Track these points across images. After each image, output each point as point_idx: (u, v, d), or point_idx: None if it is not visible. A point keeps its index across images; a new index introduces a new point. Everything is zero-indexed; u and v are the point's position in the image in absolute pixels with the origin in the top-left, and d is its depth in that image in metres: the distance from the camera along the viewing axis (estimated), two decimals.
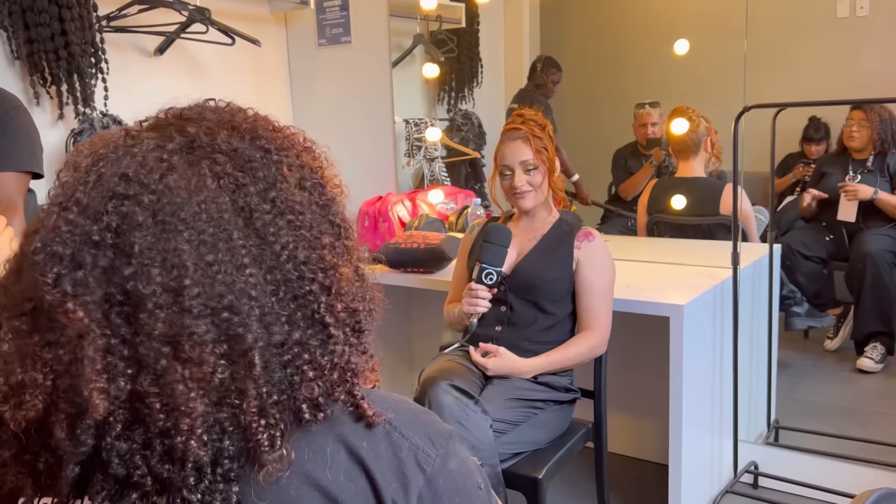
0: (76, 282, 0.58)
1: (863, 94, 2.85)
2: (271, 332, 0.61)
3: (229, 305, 0.59)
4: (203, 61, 3.06)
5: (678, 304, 1.99)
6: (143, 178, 0.61)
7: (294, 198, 0.66)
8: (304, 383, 0.62)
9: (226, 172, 0.64)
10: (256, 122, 0.70)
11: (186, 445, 0.57)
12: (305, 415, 0.62)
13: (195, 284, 0.58)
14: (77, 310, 0.58)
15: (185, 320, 0.58)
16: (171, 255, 0.59)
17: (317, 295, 0.64)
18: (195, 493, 0.58)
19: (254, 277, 0.61)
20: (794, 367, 3.12)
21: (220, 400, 0.59)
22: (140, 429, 0.58)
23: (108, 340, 0.58)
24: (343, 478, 0.63)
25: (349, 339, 0.67)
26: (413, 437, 0.67)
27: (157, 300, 0.58)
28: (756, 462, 2.46)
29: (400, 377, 3.13)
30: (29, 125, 1.99)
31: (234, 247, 0.61)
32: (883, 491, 0.96)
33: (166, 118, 0.69)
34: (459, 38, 3.33)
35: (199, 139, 0.66)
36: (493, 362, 1.88)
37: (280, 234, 0.63)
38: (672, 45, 2.94)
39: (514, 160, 1.93)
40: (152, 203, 0.60)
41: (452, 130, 3.38)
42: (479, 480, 0.72)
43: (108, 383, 0.57)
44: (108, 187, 0.61)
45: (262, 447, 0.59)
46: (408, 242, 2.47)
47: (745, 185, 2.49)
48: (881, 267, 2.90)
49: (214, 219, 0.61)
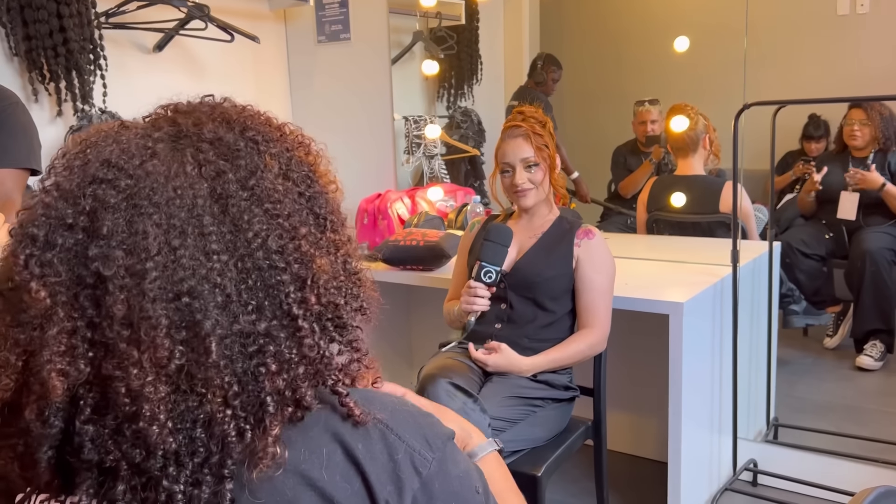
0: (43, 263, 0.59)
1: (863, 92, 2.85)
2: (235, 320, 0.60)
3: (189, 291, 0.59)
4: (202, 58, 3.05)
5: (678, 301, 1.99)
6: (124, 164, 0.62)
7: (274, 186, 0.66)
8: (267, 375, 0.61)
9: (208, 160, 0.64)
10: (250, 116, 0.70)
11: (149, 430, 0.57)
12: (270, 408, 0.61)
13: (156, 268, 0.58)
14: (41, 290, 0.58)
15: (143, 303, 0.58)
16: (137, 238, 0.59)
17: (287, 285, 0.63)
18: (176, 483, 0.58)
19: (221, 264, 0.60)
20: (793, 364, 3.12)
21: (187, 388, 0.59)
22: (110, 413, 0.58)
23: (75, 323, 0.58)
24: (339, 478, 0.62)
25: (329, 332, 0.66)
26: (409, 440, 0.66)
27: (119, 282, 0.58)
28: (755, 460, 2.46)
29: (399, 375, 3.13)
30: (27, 122, 1.99)
31: (204, 233, 0.61)
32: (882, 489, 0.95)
33: (164, 112, 0.70)
34: (459, 35, 3.33)
35: (187, 129, 0.66)
36: (493, 358, 1.88)
37: (253, 222, 0.63)
38: (672, 43, 2.93)
39: (515, 157, 1.93)
40: (129, 187, 0.61)
41: (452, 128, 3.37)
42: (478, 485, 0.72)
43: (68, 365, 0.58)
44: (90, 172, 0.62)
45: (230, 438, 0.59)
46: (407, 240, 2.47)
47: (744, 182, 2.48)
48: (881, 265, 2.90)
49: (188, 204, 0.61)
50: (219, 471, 0.59)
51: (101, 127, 0.68)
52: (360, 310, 0.71)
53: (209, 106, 0.70)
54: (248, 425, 0.60)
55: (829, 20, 2.95)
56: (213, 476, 0.59)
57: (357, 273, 0.72)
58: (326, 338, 0.66)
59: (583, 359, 1.95)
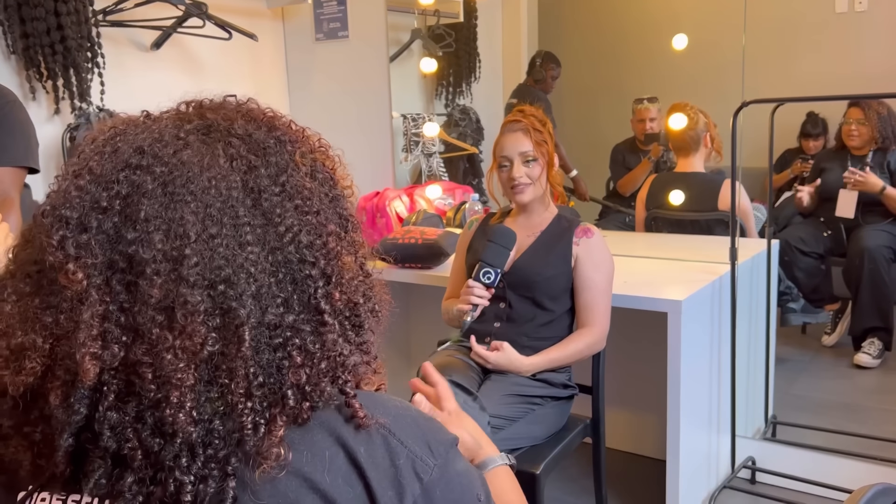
0: (79, 244, 0.59)
1: (861, 90, 2.85)
2: (265, 311, 0.61)
3: (226, 279, 0.59)
4: (200, 56, 3.05)
5: (676, 299, 1.99)
6: (158, 151, 0.62)
7: (304, 184, 0.67)
8: (291, 368, 0.61)
9: (239, 154, 0.65)
10: (274, 117, 0.72)
11: (175, 418, 0.57)
12: (290, 401, 0.61)
13: (195, 254, 0.59)
14: (77, 271, 0.58)
15: (181, 289, 0.58)
16: (175, 224, 0.59)
17: (315, 279, 0.64)
18: (188, 474, 0.58)
19: (255, 255, 0.61)
20: (791, 362, 3.12)
21: (211, 378, 0.59)
22: (133, 401, 0.58)
23: (107, 307, 0.58)
24: (342, 482, 0.62)
25: (346, 331, 0.67)
26: (412, 445, 0.66)
27: (156, 266, 0.58)
28: (753, 457, 2.46)
29: (398, 372, 3.13)
30: (24, 120, 1.99)
31: (238, 223, 0.62)
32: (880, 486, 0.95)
33: (187, 109, 0.70)
34: (457, 33, 3.32)
35: (217, 123, 0.67)
36: (495, 356, 1.88)
37: (286, 216, 0.64)
38: (670, 40, 2.93)
39: (514, 151, 1.93)
40: (163, 174, 0.61)
41: (450, 125, 3.37)
42: (480, 492, 0.71)
43: (101, 349, 0.58)
44: (123, 158, 0.62)
45: (246, 430, 0.59)
46: (405, 238, 2.47)
47: (743, 180, 2.48)
48: (879, 262, 2.90)
49: (223, 195, 0.62)
50: (223, 467, 0.59)
51: (126, 118, 0.69)
52: (374, 311, 0.72)
53: (235, 104, 0.71)
54: (262, 420, 0.60)
55: (828, 18, 2.95)
56: (219, 471, 0.59)
57: (370, 275, 0.73)
58: (344, 337, 0.67)
59: (582, 357, 1.95)
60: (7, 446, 0.62)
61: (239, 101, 0.72)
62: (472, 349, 1.90)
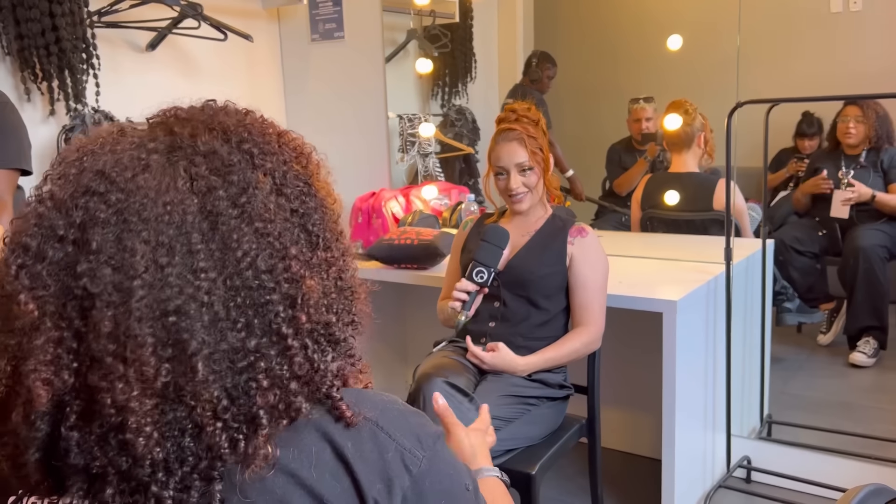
0: (33, 275, 0.60)
1: (856, 90, 2.86)
2: (223, 338, 0.60)
3: (176, 310, 0.59)
4: (195, 57, 3.05)
5: (671, 299, 1.99)
6: (116, 176, 0.62)
7: (266, 205, 0.65)
8: (259, 391, 0.61)
9: (200, 174, 0.64)
10: (249, 124, 0.70)
11: (135, 443, 0.57)
12: (263, 420, 0.61)
13: (143, 286, 0.59)
14: (29, 302, 0.59)
15: (130, 322, 0.58)
16: (126, 255, 0.59)
17: (276, 304, 0.63)
18: (165, 489, 0.58)
19: (209, 282, 0.60)
20: (786, 361, 3.13)
21: (176, 398, 0.59)
22: (96, 421, 0.58)
23: (62, 333, 0.59)
24: (328, 477, 0.63)
25: (322, 348, 0.66)
26: (400, 438, 0.67)
27: (106, 299, 0.58)
28: (749, 456, 2.47)
29: (394, 373, 3.13)
30: (17, 121, 1.98)
31: (192, 250, 0.61)
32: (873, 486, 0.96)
33: (164, 117, 0.70)
34: (453, 33, 3.32)
35: (182, 140, 0.66)
36: (491, 357, 1.88)
37: (243, 241, 0.63)
38: (666, 41, 2.93)
39: (510, 162, 1.93)
40: (119, 201, 0.61)
41: (446, 126, 3.37)
42: (468, 482, 0.72)
43: (53, 375, 0.58)
44: (83, 183, 0.62)
45: (223, 449, 0.59)
46: (401, 238, 2.47)
47: (738, 180, 2.49)
48: (874, 262, 2.91)
49: (177, 221, 0.61)
50: (208, 473, 0.60)
51: (101, 132, 0.68)
52: (352, 324, 0.71)
53: (208, 114, 0.69)
54: (240, 435, 0.60)
55: (823, 18, 2.95)
56: (202, 480, 0.59)
57: (350, 288, 0.72)
58: (320, 352, 0.66)
59: (578, 357, 1.96)
60: None
61: (216, 107, 0.71)
62: (468, 350, 1.90)
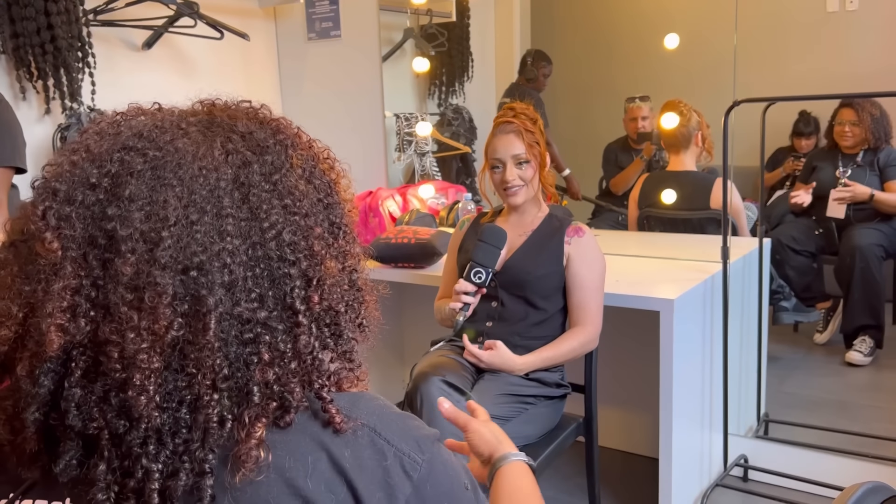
0: (61, 216, 0.60)
1: (852, 89, 2.86)
2: (237, 304, 0.61)
3: (199, 265, 0.60)
4: (191, 56, 3.04)
5: (668, 298, 1.99)
6: (155, 137, 0.64)
7: (297, 185, 0.67)
8: (259, 365, 0.61)
9: (236, 149, 0.65)
10: (283, 123, 0.73)
11: (137, 401, 0.57)
12: (255, 397, 0.61)
13: (171, 237, 0.59)
14: (54, 241, 0.59)
15: (153, 269, 0.59)
16: (157, 206, 0.60)
17: (293, 279, 0.64)
18: (155, 462, 0.58)
19: (233, 246, 0.61)
20: (783, 360, 3.13)
21: (179, 366, 0.59)
22: (99, 381, 0.59)
23: (81, 281, 0.59)
24: (324, 488, 0.62)
25: (324, 337, 0.67)
26: (399, 443, 0.66)
27: (131, 245, 0.59)
28: (746, 455, 2.47)
29: (391, 372, 3.13)
30: (11, 119, 1.98)
31: (222, 214, 0.62)
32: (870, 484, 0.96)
33: (200, 106, 0.72)
34: (450, 32, 3.32)
35: (221, 119, 0.68)
36: (488, 356, 1.87)
37: (271, 213, 0.64)
38: (662, 39, 2.94)
39: (506, 154, 1.92)
40: (155, 158, 0.62)
41: (443, 125, 3.37)
42: (466, 481, 0.72)
43: (68, 322, 0.58)
44: (121, 140, 0.64)
45: (212, 423, 0.59)
46: (398, 237, 2.47)
47: (735, 179, 2.49)
48: (870, 260, 2.91)
49: (210, 184, 0.62)
50: (200, 465, 0.59)
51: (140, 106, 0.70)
52: (360, 326, 0.72)
53: (245, 107, 0.72)
54: (230, 414, 0.60)
55: (819, 17, 2.96)
56: (191, 465, 0.59)
57: (361, 290, 0.73)
58: (321, 342, 0.66)
59: (575, 356, 1.96)
60: None
61: (252, 105, 0.73)
62: (466, 349, 1.90)
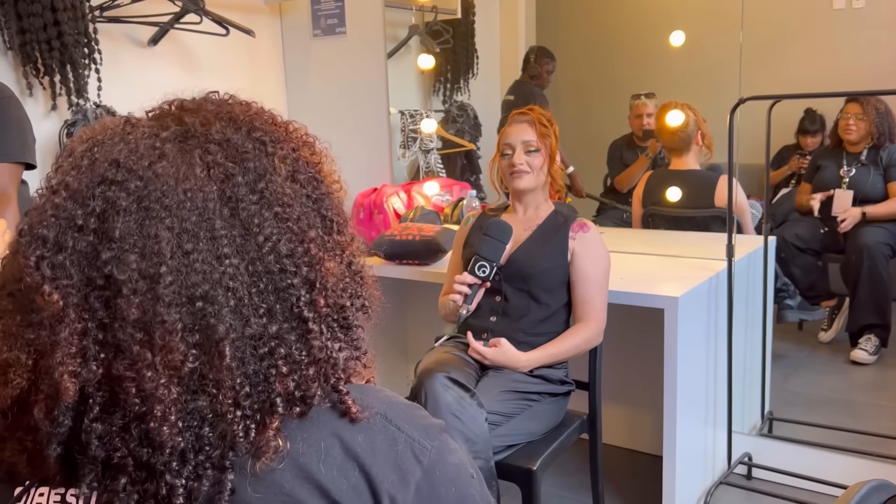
0: (55, 265, 0.59)
1: (858, 87, 2.85)
2: (247, 323, 0.61)
3: (203, 295, 0.59)
4: (197, 52, 3.04)
5: (673, 296, 1.99)
6: (133, 165, 0.62)
7: (283, 190, 0.66)
8: (278, 377, 0.61)
9: (216, 162, 0.64)
10: (256, 114, 0.70)
11: (160, 431, 0.57)
12: (279, 408, 0.61)
13: (170, 272, 0.59)
14: (53, 293, 0.58)
15: (158, 308, 0.58)
16: (150, 242, 0.59)
17: (297, 288, 0.64)
18: (179, 478, 0.58)
19: (233, 268, 0.61)
20: (788, 358, 3.13)
21: (198, 388, 0.59)
22: (119, 412, 0.58)
23: (86, 324, 0.59)
24: (336, 473, 0.63)
25: (335, 334, 0.67)
26: (409, 430, 0.67)
27: (132, 286, 0.58)
28: (750, 453, 2.47)
29: (396, 369, 3.14)
30: (21, 116, 1.98)
31: (215, 236, 0.61)
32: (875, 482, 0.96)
33: (169, 108, 0.70)
34: (455, 29, 3.32)
35: (194, 128, 0.66)
36: (493, 353, 1.88)
37: (264, 226, 0.63)
38: (668, 36, 2.93)
39: (517, 139, 1.94)
40: (138, 189, 0.61)
41: (448, 122, 3.37)
42: (472, 470, 0.73)
43: (80, 367, 0.58)
44: (99, 172, 0.62)
45: (238, 437, 0.60)
46: (403, 234, 2.47)
47: (739, 177, 2.49)
48: (877, 259, 2.90)
49: (199, 207, 0.61)
50: (220, 462, 0.60)
51: (107, 124, 0.68)
52: (363, 308, 0.72)
53: (215, 104, 0.70)
54: (253, 424, 0.61)
55: (825, 15, 2.95)
56: (214, 469, 0.60)
57: (360, 272, 0.73)
58: (333, 339, 0.66)
59: (579, 352, 1.96)
60: (3, 449, 0.63)
61: (220, 98, 0.71)
62: (470, 346, 1.90)
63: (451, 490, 0.68)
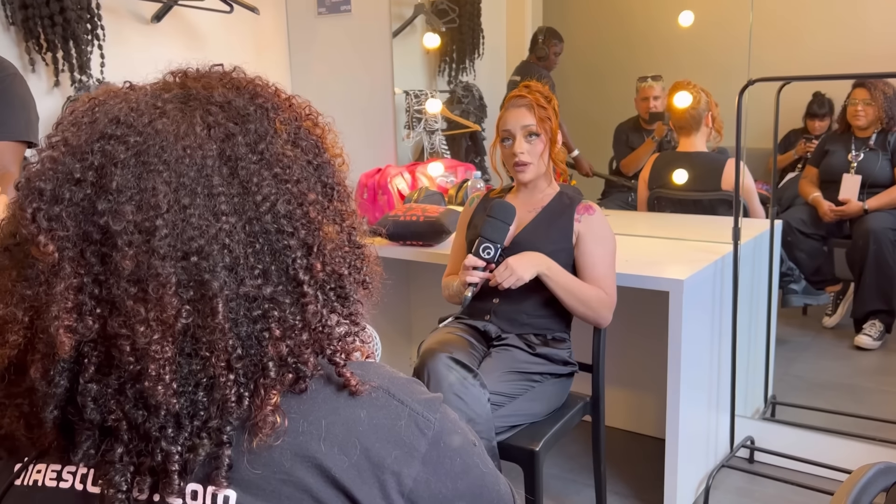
0: (51, 217, 0.59)
1: (868, 69, 2.82)
2: (241, 283, 0.60)
3: (199, 250, 0.59)
4: (200, 29, 3.02)
5: (678, 278, 1.98)
6: (133, 121, 0.62)
7: (284, 152, 0.66)
8: (271, 341, 0.61)
9: (217, 122, 0.64)
10: (259, 85, 0.70)
11: (154, 391, 0.57)
12: (271, 373, 0.61)
13: (166, 225, 0.58)
14: (48, 244, 0.58)
15: (153, 260, 0.58)
16: (147, 195, 0.59)
17: (293, 250, 0.63)
18: (174, 444, 0.58)
19: (229, 225, 0.60)
20: (792, 343, 3.12)
21: (192, 351, 0.59)
22: (114, 373, 0.58)
23: (81, 279, 0.58)
24: (337, 451, 0.62)
25: (331, 302, 0.67)
26: (412, 403, 0.67)
27: (127, 238, 0.58)
28: (752, 437, 2.47)
29: (399, 349, 3.14)
30: (25, 93, 1.97)
31: (213, 193, 0.61)
32: (882, 465, 0.95)
33: (173, 78, 0.70)
34: (461, 8, 3.28)
35: (196, 91, 0.66)
36: (504, 265, 1.80)
37: (263, 185, 0.63)
38: (676, 17, 2.90)
39: (516, 125, 1.91)
40: (137, 144, 0.60)
41: (453, 102, 3.35)
42: (472, 438, 0.74)
43: (76, 322, 0.58)
44: (98, 129, 0.62)
45: (230, 402, 0.59)
46: (407, 215, 2.46)
47: (746, 160, 2.47)
48: (883, 244, 2.89)
49: (197, 164, 0.61)
50: (218, 436, 0.60)
51: (110, 87, 0.68)
52: (363, 283, 0.71)
53: (219, 73, 0.70)
54: (246, 392, 0.60)
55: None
56: (210, 441, 0.59)
57: (361, 247, 0.72)
58: (328, 307, 0.66)
59: (590, 312, 1.89)
60: (3, 416, 0.62)
61: (224, 69, 0.71)
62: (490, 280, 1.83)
63: (457, 460, 0.69)
